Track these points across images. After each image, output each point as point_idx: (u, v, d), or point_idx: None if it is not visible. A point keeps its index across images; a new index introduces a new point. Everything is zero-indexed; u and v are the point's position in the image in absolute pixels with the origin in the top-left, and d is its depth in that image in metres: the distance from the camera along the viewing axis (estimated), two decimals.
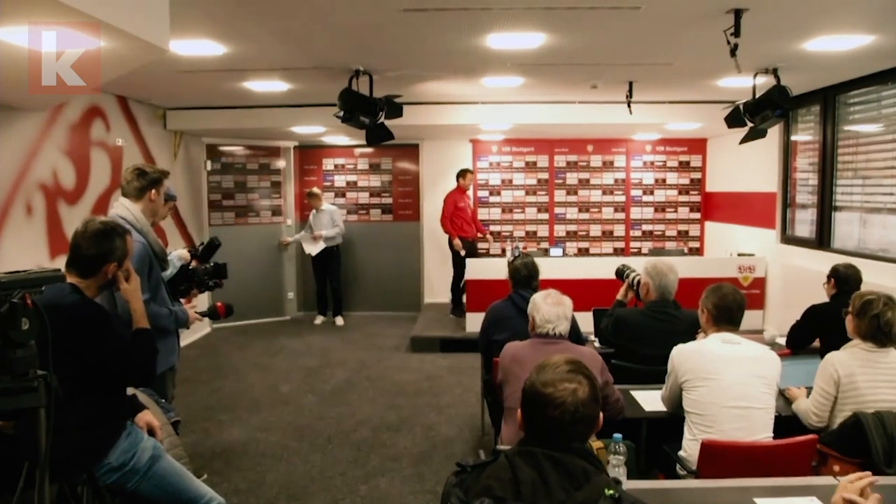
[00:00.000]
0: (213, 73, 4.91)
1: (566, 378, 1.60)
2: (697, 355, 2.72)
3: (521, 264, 4.10)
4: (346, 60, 4.59)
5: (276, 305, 8.67)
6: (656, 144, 8.74)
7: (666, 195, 8.79)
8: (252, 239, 8.36)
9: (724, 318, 2.81)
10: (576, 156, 8.77)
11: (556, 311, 2.91)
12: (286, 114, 6.85)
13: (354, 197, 8.89)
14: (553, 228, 8.85)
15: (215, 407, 5.27)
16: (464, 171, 7.86)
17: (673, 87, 5.79)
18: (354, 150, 8.87)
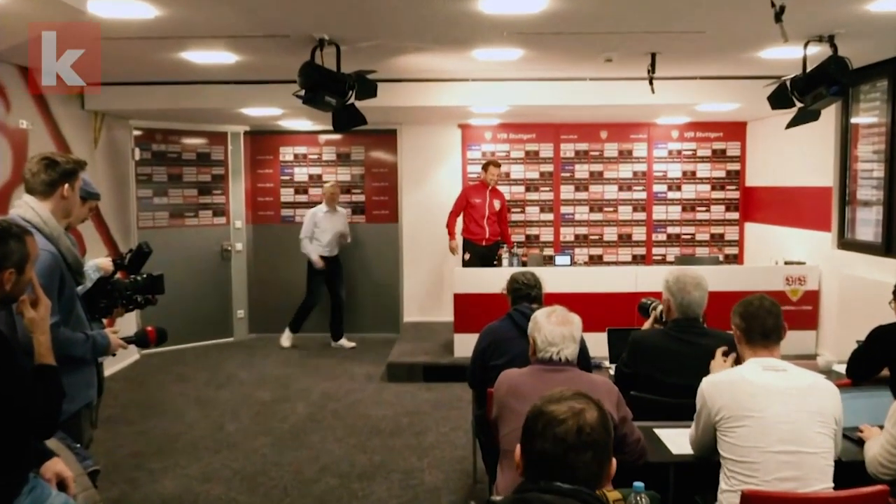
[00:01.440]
0: (143, 41, 4.88)
1: (572, 399, 1.67)
2: (733, 387, 2.70)
3: (522, 274, 4.11)
4: (308, 27, 4.58)
5: (221, 326, 8.64)
6: (684, 130, 8.80)
7: (696, 191, 8.85)
8: (191, 244, 8.34)
9: (756, 333, 2.82)
10: (586, 144, 8.82)
11: (560, 331, 2.91)
12: (234, 92, 6.83)
13: (318, 194, 8.87)
14: (559, 232, 8.88)
15: (145, 452, 5.22)
16: (486, 164, 7.99)
17: (705, 59, 5.83)
18: (318, 138, 8.87)
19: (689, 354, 3.39)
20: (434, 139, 8.76)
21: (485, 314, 4.87)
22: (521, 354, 3.25)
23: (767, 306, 2.85)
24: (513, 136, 8.81)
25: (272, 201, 8.90)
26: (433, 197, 8.69)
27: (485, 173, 7.96)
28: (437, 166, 8.80)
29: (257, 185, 8.88)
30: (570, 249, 8.71)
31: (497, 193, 8.07)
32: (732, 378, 2.75)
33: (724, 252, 8.85)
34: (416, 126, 8.74)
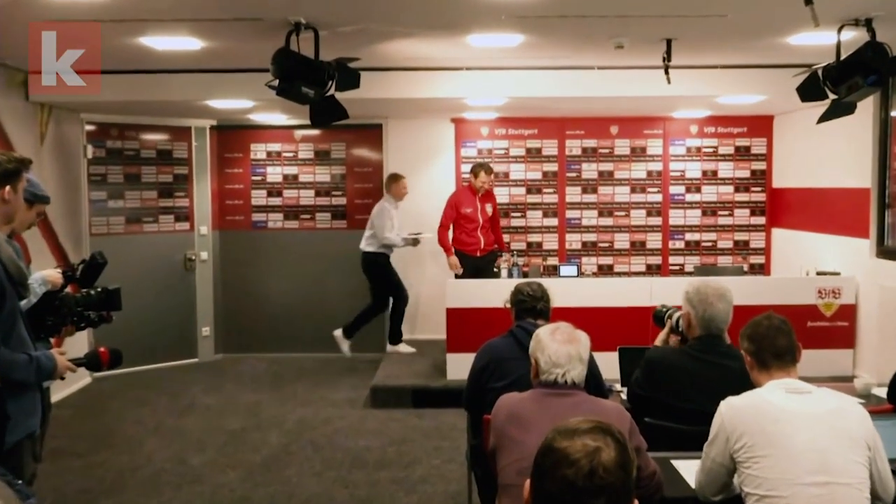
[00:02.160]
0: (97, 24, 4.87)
1: (588, 434, 1.64)
2: (756, 411, 2.70)
3: (527, 285, 4.11)
4: (283, 9, 4.58)
5: (184, 345, 8.61)
6: (704, 124, 8.84)
7: (718, 193, 8.89)
8: (150, 253, 8.32)
9: (768, 355, 2.84)
10: (595, 140, 8.85)
11: (565, 350, 2.90)
12: (199, 82, 6.82)
13: (294, 196, 8.88)
14: (564, 239, 8.89)
15: (95, 489, 5.18)
16: (477, 167, 7.98)
17: (726, 46, 5.86)
18: (294, 133, 8.87)
19: (712, 377, 3.38)
20: (424, 135, 8.77)
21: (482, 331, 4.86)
22: (524, 377, 3.24)
23: (777, 324, 2.88)
24: (512, 131, 8.82)
25: (242, 205, 8.89)
26: (423, 200, 8.67)
27: (474, 178, 7.94)
28: (428, 165, 8.81)
29: (225, 187, 8.87)
30: (577, 259, 8.72)
31: (488, 197, 8.09)
32: (755, 401, 2.74)
33: (749, 261, 8.88)
34: (403, 120, 8.75)
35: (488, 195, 8.11)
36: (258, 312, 8.80)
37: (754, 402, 2.74)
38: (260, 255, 8.83)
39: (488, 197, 8.09)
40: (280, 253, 8.86)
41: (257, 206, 8.90)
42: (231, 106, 7.48)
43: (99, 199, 8.03)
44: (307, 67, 4.81)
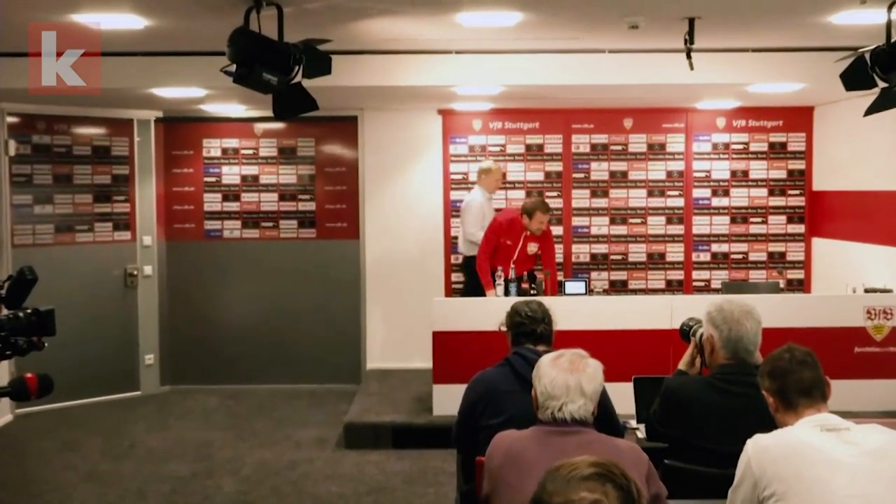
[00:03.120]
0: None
1: (585, 485, 1.61)
2: (788, 452, 2.70)
3: (525, 304, 4.10)
4: None
5: (124, 376, 8.56)
6: (733, 117, 8.88)
7: (749, 197, 8.93)
8: (84, 268, 8.29)
9: (794, 393, 2.86)
10: (605, 135, 8.88)
11: (564, 379, 2.91)
12: (143, 66, 6.80)
13: (254, 200, 8.87)
14: (570, 250, 8.91)
15: None
16: (529, 207, 7.67)
17: (758, 26, 5.88)
18: (254, 127, 8.86)
19: (742, 412, 3.38)
20: (407, 129, 8.78)
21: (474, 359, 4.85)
22: (523, 413, 3.24)
23: (800, 357, 2.90)
24: (509, 125, 8.85)
25: (193, 211, 8.88)
26: (405, 205, 8.70)
27: (528, 220, 7.59)
28: (411, 165, 8.83)
29: (173, 190, 8.85)
30: (585, 274, 8.72)
31: (541, 238, 7.79)
32: (787, 440, 2.75)
33: (786, 276, 8.91)
34: (382, 112, 8.75)
35: (543, 236, 7.79)
36: (212, 337, 8.77)
37: (786, 441, 2.75)
38: (214, 270, 8.81)
39: (541, 238, 7.78)
40: (238, 267, 8.84)
41: (211, 213, 8.88)
42: (180, 95, 7.45)
43: (23, 203, 7.99)
44: (269, 50, 4.80)
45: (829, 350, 4.79)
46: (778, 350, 2.96)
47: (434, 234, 8.81)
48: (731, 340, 3.54)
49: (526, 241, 7.75)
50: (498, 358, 3.97)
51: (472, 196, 8.20)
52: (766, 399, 2.96)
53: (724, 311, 3.58)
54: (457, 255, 8.65)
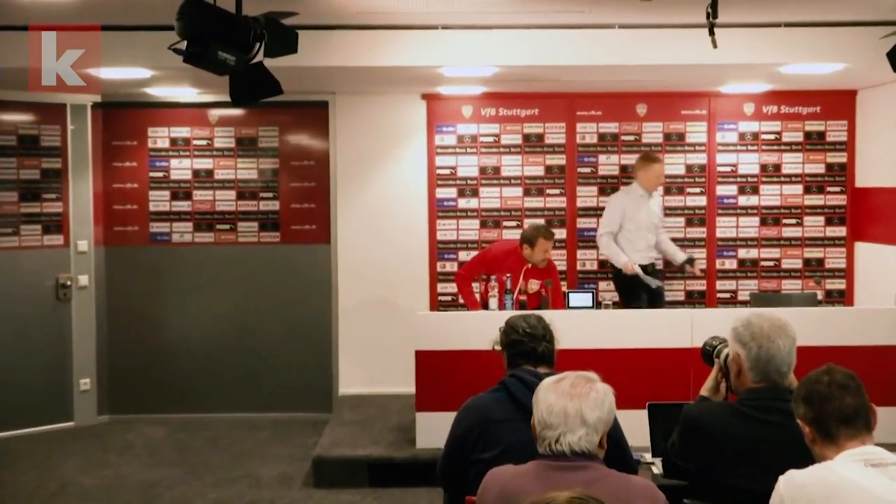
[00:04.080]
0: None
1: None
2: (828, 490, 2.72)
3: (522, 319, 4.10)
4: None
5: (55, 404, 8.52)
6: (763, 102, 8.89)
7: (782, 195, 8.93)
8: (8, 278, 8.27)
9: (833, 421, 2.85)
10: (615, 124, 8.88)
11: (563, 406, 2.91)
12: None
13: (208, 199, 8.85)
14: (575, 256, 8.90)
15: None
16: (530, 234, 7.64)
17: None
18: (209, 114, 8.84)
19: (773, 443, 3.39)
20: (386, 117, 8.77)
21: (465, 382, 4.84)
22: (521, 445, 3.25)
23: (841, 380, 2.89)
24: (504, 112, 8.84)
25: (136, 211, 8.84)
26: (385, 205, 8.70)
27: (529, 250, 7.58)
28: (391, 158, 8.82)
29: (113, 186, 8.81)
30: (592, 283, 8.74)
31: (544, 272, 7.74)
32: (824, 477, 2.75)
33: (825, 286, 8.91)
34: (357, 97, 8.74)
35: (545, 271, 7.76)
36: (158, 358, 8.73)
37: (824, 478, 2.76)
38: (161, 280, 8.78)
39: (544, 272, 7.74)
40: (189, 276, 8.81)
41: (157, 213, 8.85)
42: (121, 76, 7.43)
43: None
44: (226, 25, 4.80)
45: (875, 372, 4.79)
46: (815, 372, 2.95)
47: (418, 239, 8.79)
48: (760, 360, 3.53)
49: (526, 276, 7.70)
50: (492, 381, 3.96)
51: (625, 190, 8.28)
52: (801, 428, 2.97)
53: (752, 326, 3.57)
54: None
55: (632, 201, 8.18)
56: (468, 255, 8.71)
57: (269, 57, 5.04)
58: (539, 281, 7.66)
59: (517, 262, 7.68)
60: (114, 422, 8.68)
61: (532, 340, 4.00)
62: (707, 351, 4.10)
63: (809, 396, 2.91)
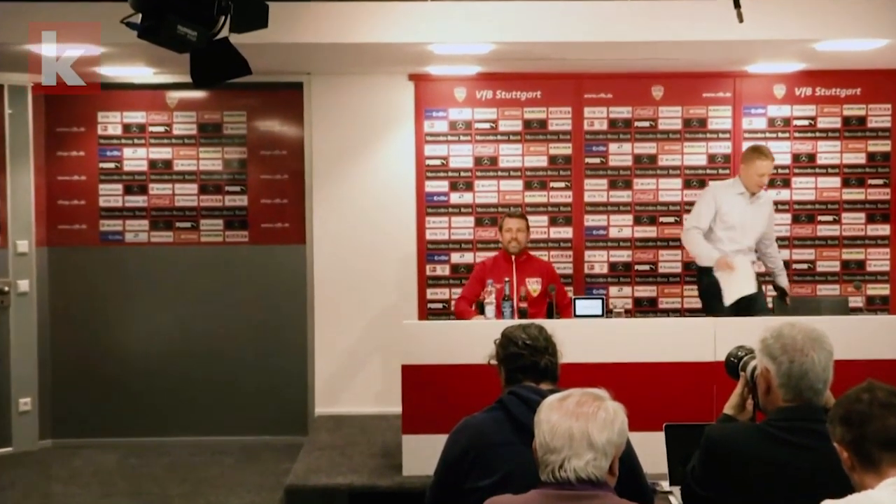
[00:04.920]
0: None
1: None
2: None
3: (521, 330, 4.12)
4: None
5: None
6: (795, 84, 8.90)
7: (817, 188, 8.95)
8: None
9: (875, 443, 2.84)
10: (628, 108, 8.90)
11: (566, 426, 2.91)
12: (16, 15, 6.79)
13: (167, 193, 8.84)
14: (583, 258, 8.92)
15: None
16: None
17: None
18: (167, 97, 8.83)
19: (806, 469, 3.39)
20: (368, 101, 8.78)
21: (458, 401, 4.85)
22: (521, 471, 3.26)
23: (883, 399, 2.89)
24: (503, 94, 8.85)
25: (84, 207, 8.84)
26: (367, 200, 8.71)
27: (500, 234, 7.82)
28: (374, 147, 8.83)
29: (58, 179, 8.82)
30: (602, 289, 8.77)
31: (533, 266, 7.87)
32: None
33: (866, 292, 8.92)
34: (336, 78, 8.74)
35: (533, 264, 7.88)
36: (109, 374, 8.71)
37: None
38: (113, 285, 8.76)
39: (533, 266, 7.86)
40: (145, 281, 8.79)
41: (109, 210, 8.85)
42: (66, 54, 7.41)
43: None
44: None
45: None
46: (854, 389, 2.95)
47: (404, 238, 8.81)
48: (792, 376, 3.51)
49: (521, 277, 7.75)
50: (489, 400, 3.97)
51: (723, 183, 8.08)
52: (838, 453, 2.97)
53: (784, 337, 3.55)
54: None
55: (728, 197, 7.86)
56: (461, 256, 8.76)
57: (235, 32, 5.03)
58: (537, 279, 7.74)
59: (505, 261, 7.78)
60: (58, 447, 8.65)
61: (533, 353, 4.02)
62: (732, 363, 4.07)
63: (848, 417, 2.90)
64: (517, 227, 7.84)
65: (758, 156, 7.77)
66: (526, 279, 7.75)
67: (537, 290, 7.72)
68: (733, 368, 4.05)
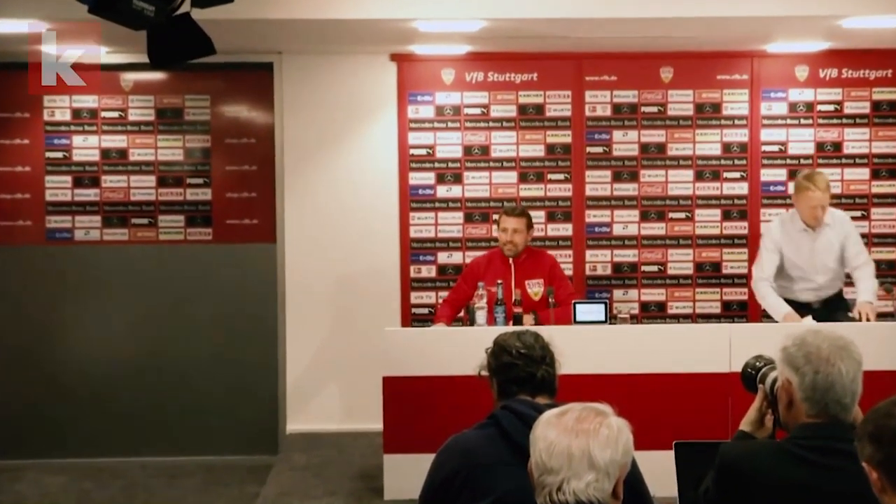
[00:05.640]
0: None
1: None
2: None
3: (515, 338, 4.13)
4: None
5: None
6: (819, 65, 8.93)
7: (844, 180, 8.98)
8: None
9: None
10: (634, 92, 8.93)
11: (567, 445, 2.90)
12: None
13: (121, 186, 8.85)
14: (584, 258, 8.96)
15: None
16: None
17: None
18: (121, 79, 8.84)
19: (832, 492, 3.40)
20: (345, 83, 8.80)
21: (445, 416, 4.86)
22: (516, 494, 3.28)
23: None
24: (495, 77, 8.87)
25: (28, 201, 8.85)
26: (344, 194, 8.73)
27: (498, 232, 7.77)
28: (352, 135, 8.86)
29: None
30: (605, 292, 8.79)
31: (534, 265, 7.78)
32: None
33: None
34: (309, 58, 8.77)
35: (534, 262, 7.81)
36: (56, 388, 8.69)
37: None
38: (60, 288, 8.75)
39: (534, 265, 7.80)
40: (96, 284, 8.79)
41: (56, 204, 8.85)
42: (7, 30, 7.43)
43: None
44: None
45: None
46: (885, 403, 2.93)
47: (386, 236, 8.83)
48: (817, 389, 3.50)
49: (519, 278, 7.71)
50: (479, 415, 3.97)
51: (781, 219, 7.81)
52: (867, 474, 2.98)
53: (807, 346, 3.54)
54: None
55: (789, 237, 7.71)
56: (449, 256, 8.78)
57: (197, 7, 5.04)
58: (538, 281, 7.68)
59: (502, 261, 7.74)
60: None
61: (529, 364, 4.01)
62: (749, 375, 4.07)
63: (878, 434, 2.88)
64: (514, 228, 7.68)
65: (806, 186, 7.50)
66: (526, 281, 7.71)
67: (539, 293, 7.68)
68: (750, 380, 4.04)
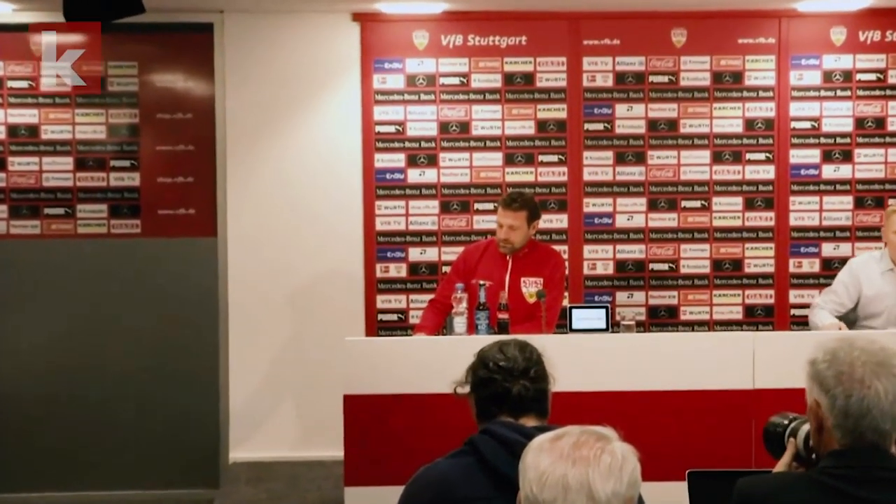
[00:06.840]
0: None
1: None
2: None
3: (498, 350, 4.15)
4: None
5: None
6: (860, 26, 8.98)
7: (887, 163, 9.04)
8: None
9: None
10: (640, 58, 8.99)
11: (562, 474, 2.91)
12: None
13: (32, 170, 8.87)
14: (581, 254, 9.01)
15: None
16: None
17: None
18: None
19: None
20: (299, 48, 8.84)
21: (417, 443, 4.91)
22: None
23: None
24: (477, 40, 8.92)
25: None
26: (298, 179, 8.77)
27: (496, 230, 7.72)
28: (307, 109, 8.89)
29: None
30: (607, 294, 8.86)
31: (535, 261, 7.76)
32: None
33: None
34: (257, 18, 8.79)
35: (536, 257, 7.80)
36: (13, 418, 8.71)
37: None
38: None
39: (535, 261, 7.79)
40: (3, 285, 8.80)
41: None
42: None
43: None
44: None
45: None
46: None
47: (347, 229, 8.86)
48: (850, 414, 3.46)
49: (515, 274, 7.69)
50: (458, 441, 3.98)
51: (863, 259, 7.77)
52: None
53: (839, 362, 3.48)
54: None
55: (871, 279, 7.69)
56: (422, 253, 8.80)
57: None
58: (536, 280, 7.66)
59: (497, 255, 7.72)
60: None
61: (508, 379, 3.98)
62: (775, 434, 3.97)
63: None
64: (510, 224, 7.58)
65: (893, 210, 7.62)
66: (522, 278, 7.70)
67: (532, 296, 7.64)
68: (777, 439, 3.93)
